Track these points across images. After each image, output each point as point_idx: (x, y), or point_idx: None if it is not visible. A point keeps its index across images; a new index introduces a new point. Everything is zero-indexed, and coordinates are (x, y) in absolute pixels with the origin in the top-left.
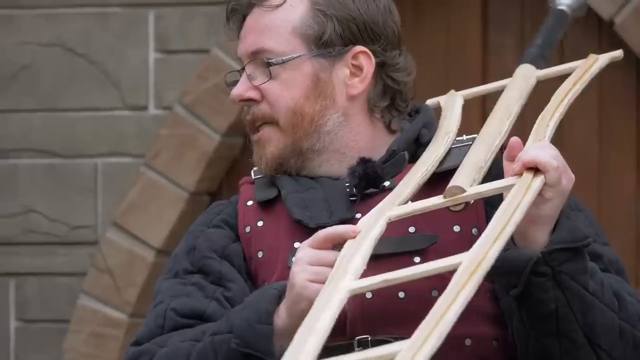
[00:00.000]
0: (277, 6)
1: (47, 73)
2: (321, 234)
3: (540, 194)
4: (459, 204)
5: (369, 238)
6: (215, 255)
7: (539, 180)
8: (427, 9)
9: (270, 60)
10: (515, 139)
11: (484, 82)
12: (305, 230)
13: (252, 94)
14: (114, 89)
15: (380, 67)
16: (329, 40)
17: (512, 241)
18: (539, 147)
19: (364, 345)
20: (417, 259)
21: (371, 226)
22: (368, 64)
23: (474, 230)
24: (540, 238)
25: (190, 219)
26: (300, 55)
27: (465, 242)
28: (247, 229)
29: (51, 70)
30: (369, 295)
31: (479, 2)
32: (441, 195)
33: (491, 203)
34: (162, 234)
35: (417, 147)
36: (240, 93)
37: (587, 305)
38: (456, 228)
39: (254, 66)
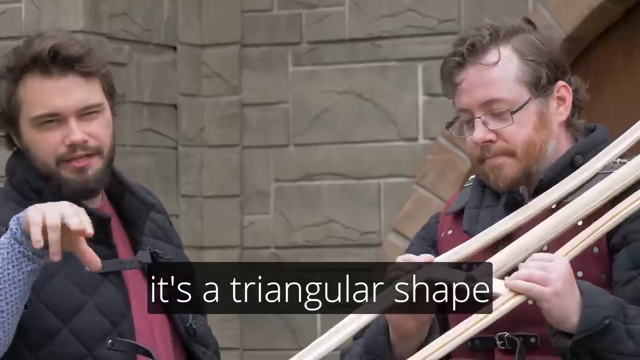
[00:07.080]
0: (496, 63)
1: (342, 114)
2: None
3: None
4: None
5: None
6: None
7: (517, 298)
8: (637, 56)
9: (513, 110)
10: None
11: None
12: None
13: (491, 136)
14: (392, 125)
15: (573, 92)
16: (544, 82)
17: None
18: (533, 264)
19: (503, 340)
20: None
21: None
22: (567, 93)
23: (603, 276)
24: (570, 328)
25: None
26: (529, 100)
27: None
28: (442, 235)
29: (345, 112)
30: None
31: None
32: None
33: (615, 249)
34: None
35: (572, 168)
36: (482, 137)
37: None
38: (579, 274)
39: (487, 114)
